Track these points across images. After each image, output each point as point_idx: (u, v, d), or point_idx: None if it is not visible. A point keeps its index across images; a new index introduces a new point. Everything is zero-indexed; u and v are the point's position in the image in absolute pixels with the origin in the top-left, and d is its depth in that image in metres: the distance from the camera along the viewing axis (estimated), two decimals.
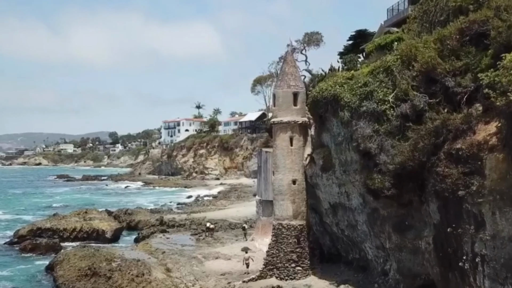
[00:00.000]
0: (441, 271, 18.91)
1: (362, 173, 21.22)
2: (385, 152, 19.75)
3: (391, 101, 19.98)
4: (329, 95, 23.08)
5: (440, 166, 17.87)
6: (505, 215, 15.83)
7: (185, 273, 27.73)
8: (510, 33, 16.77)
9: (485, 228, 16.62)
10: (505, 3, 17.73)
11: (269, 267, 25.40)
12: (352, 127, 21.60)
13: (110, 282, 26.39)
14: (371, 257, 23.29)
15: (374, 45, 28.55)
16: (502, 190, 15.78)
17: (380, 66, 21.64)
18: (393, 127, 19.68)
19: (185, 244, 36.47)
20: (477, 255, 17.09)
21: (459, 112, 17.94)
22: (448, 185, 17.53)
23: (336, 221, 25.49)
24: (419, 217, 19.52)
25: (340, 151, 23.28)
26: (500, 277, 16.40)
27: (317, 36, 44.12)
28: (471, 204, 16.92)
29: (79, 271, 27.63)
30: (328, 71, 28.11)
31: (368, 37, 46.51)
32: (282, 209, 25.69)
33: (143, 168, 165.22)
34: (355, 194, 22.70)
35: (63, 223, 44.23)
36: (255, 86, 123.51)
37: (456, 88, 18.27)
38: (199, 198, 76.66)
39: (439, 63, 18.84)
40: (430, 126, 18.37)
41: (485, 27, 17.93)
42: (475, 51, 18.39)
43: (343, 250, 26.44)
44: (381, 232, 21.56)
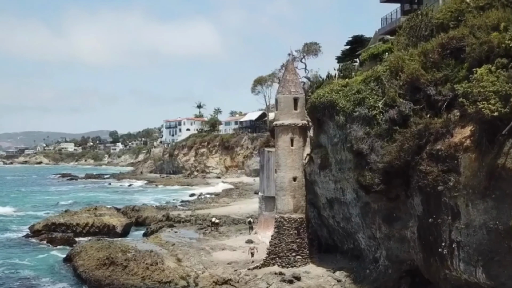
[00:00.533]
0: (424, 256, 21.50)
1: (355, 171, 23.81)
2: (375, 152, 22.33)
3: (381, 107, 22.55)
4: (326, 101, 25.69)
5: (423, 165, 20.47)
6: (476, 206, 18.43)
7: (194, 262, 30.35)
8: (482, 49, 19.35)
9: (460, 218, 19.23)
10: (479, 23, 20.29)
11: (271, 256, 28.05)
12: (347, 129, 24.22)
13: (126, 270, 28.96)
14: (363, 246, 25.90)
15: (368, 54, 31.11)
16: (474, 185, 18.37)
17: (371, 75, 24.24)
18: (382, 130, 22.26)
19: (192, 238, 39.16)
20: (454, 241, 19.70)
21: (439, 117, 20.51)
22: (429, 181, 20.13)
23: (332, 214, 28.14)
24: (405, 210, 22.10)
25: (336, 151, 25.90)
26: (472, 260, 19.02)
27: (315, 46, 46.93)
28: (448, 197, 19.52)
29: (97, 260, 30.21)
30: (326, 78, 30.70)
31: (364, 43, 49.11)
32: (284, 203, 28.34)
33: (144, 167, 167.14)
34: (349, 190, 25.32)
35: (75, 219, 46.75)
36: (255, 87, 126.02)
37: (437, 96, 20.84)
38: (202, 196, 78.94)
39: (423, 74, 21.41)
40: (414, 130, 20.95)
41: (462, 43, 20.50)
42: (454, 63, 20.96)
43: (339, 241, 29.06)
44: (372, 223, 24.16)
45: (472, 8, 21.44)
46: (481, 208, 18.25)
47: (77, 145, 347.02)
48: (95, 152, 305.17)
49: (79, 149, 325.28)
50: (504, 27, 19.05)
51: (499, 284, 18.37)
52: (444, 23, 22.64)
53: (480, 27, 20.06)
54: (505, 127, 17.22)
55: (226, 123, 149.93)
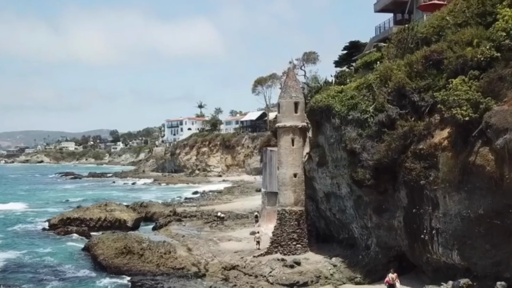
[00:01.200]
0: (408, 242, 24.50)
1: (349, 168, 26.81)
2: (366, 151, 25.33)
3: (371, 111, 25.54)
4: (323, 105, 28.69)
5: (408, 162, 23.49)
6: (452, 198, 21.45)
7: (204, 251, 33.35)
8: (458, 62, 22.35)
9: (439, 208, 22.25)
10: (456, 38, 23.27)
11: (274, 245, 31.07)
12: (341, 131, 27.23)
13: (142, 258, 31.91)
14: (357, 235, 28.91)
15: (362, 62, 34.10)
16: (450, 180, 21.38)
17: (363, 83, 27.23)
18: (373, 132, 25.24)
19: (200, 230, 42.17)
20: (433, 228, 22.73)
21: (422, 121, 23.50)
22: (413, 177, 23.15)
23: (329, 207, 31.17)
24: (392, 202, 25.10)
25: (332, 150, 28.91)
26: (449, 244, 22.06)
27: (313, 55, 50.25)
28: (429, 190, 22.54)
29: (116, 249, 33.13)
30: (323, 84, 33.70)
31: (360, 48, 52.20)
32: (285, 197, 31.36)
33: (146, 166, 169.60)
34: (344, 185, 28.34)
35: (88, 214, 49.64)
36: (256, 87, 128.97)
37: (420, 102, 23.82)
38: (205, 194, 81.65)
39: (408, 82, 24.40)
40: (400, 131, 23.94)
41: (442, 56, 23.47)
42: (435, 73, 23.91)
43: (335, 231, 32.07)
44: (364, 214, 27.18)
45: (451, 25, 24.39)
46: (456, 199, 21.28)
47: (78, 144, 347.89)
48: (96, 151, 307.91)
49: (80, 148, 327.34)
50: (476, 43, 22.05)
51: (471, 264, 21.41)
52: (428, 37, 25.63)
53: (457, 42, 23.06)
54: (475, 130, 20.25)
55: (227, 123, 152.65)
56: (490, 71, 21.06)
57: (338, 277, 26.72)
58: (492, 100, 20.18)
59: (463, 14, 24.26)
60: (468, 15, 23.90)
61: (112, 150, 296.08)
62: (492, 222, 19.99)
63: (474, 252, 21.12)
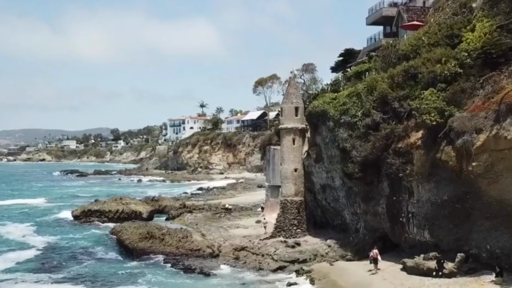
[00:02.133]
0: (390, 225, 29.48)
1: (341, 163, 31.80)
2: (356, 149, 30.30)
3: (360, 116, 30.49)
4: (320, 110, 33.67)
5: (389, 158, 28.44)
6: (423, 187, 26.42)
7: (216, 236, 38.35)
8: (430, 76, 27.28)
9: (413, 196, 27.22)
10: (429, 56, 28.20)
11: (278, 229, 36.10)
12: (335, 132, 32.21)
13: (163, 242, 36.85)
14: (348, 221, 33.93)
15: (354, 71, 39.08)
16: (422, 172, 26.34)
17: (353, 91, 32.18)
18: (361, 133, 30.19)
19: (210, 220, 47.15)
20: (409, 213, 27.72)
21: (401, 124, 28.42)
22: (393, 170, 28.11)
23: (325, 197, 36.19)
24: (377, 191, 30.06)
25: (327, 149, 33.89)
26: (421, 225, 27.07)
27: (311, 66, 55.77)
28: (406, 181, 27.50)
29: (139, 235, 38.08)
30: (320, 91, 38.71)
31: (355, 55, 57.12)
32: (287, 189, 36.38)
33: (150, 164, 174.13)
34: (337, 178, 33.33)
35: (106, 206, 54.54)
36: (256, 87, 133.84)
37: (400, 109, 28.77)
38: (209, 189, 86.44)
39: (390, 92, 29.34)
40: (383, 133, 28.89)
41: (417, 71, 28.41)
42: (412, 85, 28.84)
43: (330, 218, 37.09)
44: (354, 202, 32.18)
45: (425, 44, 29.35)
46: (427, 188, 26.28)
47: (79, 143, 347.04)
48: (97, 149, 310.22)
49: (81, 147, 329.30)
50: (444, 61, 27.00)
51: (439, 240, 26.42)
52: (407, 54, 30.58)
53: (429, 59, 28.02)
54: (441, 132, 25.20)
55: (228, 122, 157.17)
56: (454, 84, 25.99)
57: (332, 255, 31.72)
58: (454, 108, 25.13)
59: (436, 35, 29.25)
60: (439, 37, 28.89)
61: (113, 148, 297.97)
62: (454, 206, 25.00)
63: (441, 231, 26.13)
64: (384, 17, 44.68)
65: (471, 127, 23.40)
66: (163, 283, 29.02)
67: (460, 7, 29.54)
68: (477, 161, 22.97)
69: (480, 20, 27.11)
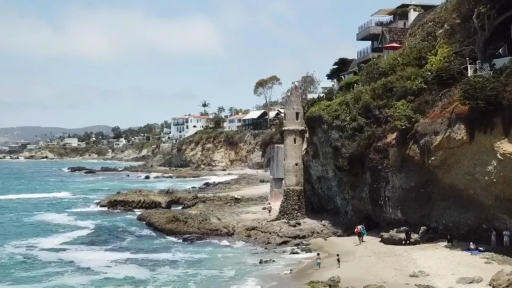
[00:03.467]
0: (372, 207, 37.12)
1: (333, 158, 39.44)
2: (345, 147, 37.93)
3: (348, 121, 38.10)
4: (316, 115, 41.28)
5: (371, 154, 36.05)
6: (396, 176, 34.06)
7: (230, 220, 46.00)
8: (402, 90, 34.86)
9: (389, 183, 34.87)
10: (402, 74, 35.79)
11: (282, 213, 43.74)
12: (328, 133, 39.83)
13: (186, 224, 44.41)
14: (339, 205, 41.63)
15: (345, 82, 46.73)
16: (395, 165, 33.99)
17: (343, 100, 39.80)
18: (349, 134, 37.79)
19: (222, 208, 54.81)
20: (386, 197, 35.37)
21: (380, 127, 36.01)
22: (374, 164, 35.74)
23: (320, 186, 43.86)
24: (362, 181, 37.69)
25: (322, 147, 41.52)
26: (395, 206, 34.75)
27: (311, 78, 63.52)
28: (383, 172, 35.14)
29: (166, 218, 45.74)
30: (317, 98, 46.43)
31: (348, 63, 64.61)
32: (290, 180, 44.03)
33: (154, 161, 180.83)
34: (330, 170, 40.97)
35: (129, 197, 62.15)
36: (257, 88, 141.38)
37: (379, 115, 36.35)
38: (216, 184, 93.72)
39: (371, 102, 36.94)
40: (366, 134, 36.50)
41: (393, 85, 36.00)
42: (389, 96, 36.40)
43: (324, 203, 44.78)
44: (344, 190, 39.85)
45: (400, 64, 36.95)
46: (399, 177, 33.92)
47: (80, 140, 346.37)
48: (99, 147, 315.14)
49: (83, 144, 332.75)
50: (413, 78, 34.60)
51: (408, 217, 34.07)
52: (385, 71, 38.19)
53: (402, 76, 35.64)
54: (409, 134, 32.81)
55: (230, 121, 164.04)
56: (420, 97, 33.62)
57: (326, 232, 39.39)
58: (419, 116, 32.75)
59: (408, 57, 36.91)
60: (410, 58, 36.55)
61: (114, 146, 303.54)
62: (419, 190, 32.69)
63: (409, 210, 33.83)
64: (371, 34, 52.24)
65: (431, 131, 31.06)
66: (192, 251, 36.71)
67: (427, 35, 37.19)
68: (435, 156, 30.62)
69: (441, 46, 34.82)
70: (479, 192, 28.81)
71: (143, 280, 29.46)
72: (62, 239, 41.81)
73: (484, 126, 27.87)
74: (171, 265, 32.80)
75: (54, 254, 36.34)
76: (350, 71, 55.63)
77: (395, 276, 25.95)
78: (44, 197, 78.14)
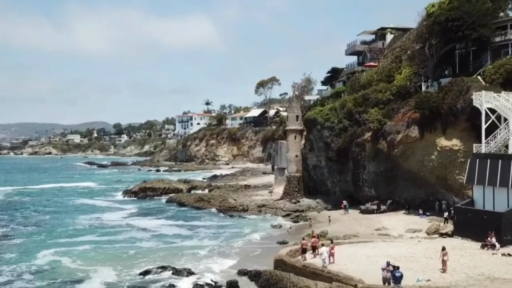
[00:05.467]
0: (353, 188, 49.32)
1: (325, 151, 51.62)
2: (334, 143, 50.09)
3: (336, 122, 50.22)
4: (312, 118, 53.42)
5: (353, 148, 48.22)
6: (371, 164, 46.30)
7: (243, 200, 58.15)
8: (376, 100, 46.94)
9: (366, 169, 47.11)
10: (376, 88, 47.85)
11: (285, 194, 55.98)
12: (321, 132, 52.02)
13: (210, 203, 56.67)
14: (330, 187, 53.84)
15: (335, 90, 58.86)
16: (370, 156, 46.21)
17: (333, 106, 51.90)
18: (336, 133, 49.92)
19: (235, 192, 66.95)
20: (364, 179, 47.60)
21: (359, 128, 48.09)
22: (355, 155, 47.94)
23: (315, 173, 56.09)
24: (346, 168, 49.86)
25: (316, 142, 53.70)
26: (370, 186, 47.01)
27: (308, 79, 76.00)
28: (362, 161, 47.36)
29: (194, 199, 57.99)
30: (312, 104, 58.63)
31: (339, 72, 76.63)
32: (291, 168, 56.24)
33: (160, 156, 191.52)
34: (323, 160, 53.17)
35: (155, 185, 74.08)
36: (258, 89, 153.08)
37: (359, 119, 48.45)
38: (223, 176, 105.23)
39: (354, 108, 49.01)
40: (349, 133, 48.62)
41: (370, 96, 48.08)
42: (366, 104, 48.46)
43: (318, 186, 56.99)
44: (333, 175, 52.08)
45: (375, 80, 49.03)
46: (372, 164, 46.12)
47: (83, 136, 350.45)
48: (101, 143, 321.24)
49: (85, 140, 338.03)
50: (384, 91, 46.69)
51: (379, 194, 46.26)
52: (364, 84, 50.27)
53: (376, 89, 47.74)
54: (379, 133, 44.94)
55: (233, 119, 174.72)
56: (388, 105, 45.72)
57: (319, 208, 51.54)
58: (387, 119, 44.86)
59: (381, 74, 48.99)
60: (383, 75, 48.63)
61: (117, 142, 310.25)
62: (387, 174, 44.88)
63: (380, 189, 46.04)
64: (357, 51, 64.30)
65: (395, 130, 43.17)
66: (218, 219, 49.16)
67: (395, 58, 49.32)
68: (397, 149, 42.72)
69: (405, 67, 46.92)
70: (427, 174, 40.96)
71: (188, 235, 41.89)
72: (117, 215, 53.78)
73: (430, 127, 40.09)
74: (205, 227, 45.30)
75: (118, 222, 48.80)
76: (340, 80, 67.76)
77: (365, 230, 38.09)
78: (75, 186, 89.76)
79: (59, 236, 42.56)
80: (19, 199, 70.67)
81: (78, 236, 42.46)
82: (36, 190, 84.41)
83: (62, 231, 44.83)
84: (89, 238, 41.40)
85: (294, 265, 25.74)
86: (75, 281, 28.43)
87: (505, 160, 31.10)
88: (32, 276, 30.05)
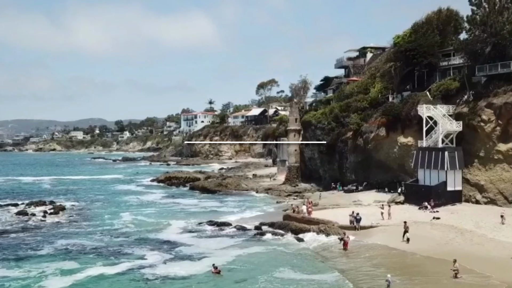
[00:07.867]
0: (339, 174, 64.71)
1: (318, 146, 67.03)
2: (325, 139, 65.49)
3: (326, 124, 65.60)
4: (307, 120, 68.86)
5: (338, 143, 63.69)
6: (352, 155, 61.78)
7: (253, 185, 73.54)
8: (357, 107, 62.25)
9: (348, 160, 62.55)
10: (356, 98, 63.13)
11: (286, 180, 71.41)
12: (315, 131, 67.45)
13: (227, 187, 72.14)
14: (321, 174, 69.26)
15: (326, 99, 74.36)
16: (351, 149, 61.69)
17: (324, 111, 67.28)
18: (326, 132, 65.31)
19: (245, 180, 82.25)
20: (347, 167, 63.06)
21: (343, 128, 63.38)
22: (340, 149, 63.41)
23: (310, 163, 71.55)
24: (334, 159, 65.27)
25: (311, 139, 69.15)
26: (352, 172, 62.57)
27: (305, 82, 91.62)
28: (345, 153, 62.84)
29: (214, 183, 73.36)
30: (308, 107, 74.06)
31: (331, 80, 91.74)
32: (291, 160, 71.81)
33: (167, 152, 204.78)
34: (316, 153, 68.61)
35: (177, 175, 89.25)
36: (259, 90, 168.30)
37: (344, 122, 63.78)
38: (230, 168, 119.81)
39: (340, 113, 64.39)
40: (336, 132, 64.01)
41: (352, 104, 63.40)
42: (349, 110, 63.72)
43: (313, 174, 72.40)
44: (324, 165, 67.56)
45: (355, 92, 64.37)
46: (353, 156, 61.60)
47: (85, 133, 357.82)
48: (103, 140, 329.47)
49: (88, 137, 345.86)
50: (362, 101, 62.02)
51: (357, 178, 61.65)
52: (348, 95, 65.62)
53: (356, 99, 63.10)
54: (358, 132, 60.28)
55: (235, 117, 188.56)
56: (365, 111, 61.07)
57: (313, 190, 66.84)
58: (364, 122, 60.19)
59: (360, 87, 64.37)
60: (361, 88, 64.01)
61: (119, 139, 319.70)
62: (363, 163, 60.35)
63: (358, 174, 61.49)
64: (344, 65, 79.70)
65: (369, 131, 58.52)
66: (238, 197, 64.63)
67: (371, 75, 64.67)
68: (371, 144, 58.05)
69: (377, 83, 62.27)
70: (391, 163, 56.28)
71: (219, 206, 57.63)
72: (156, 196, 68.89)
73: (393, 129, 55.41)
74: (229, 202, 60.90)
75: (159, 201, 64.15)
76: (330, 88, 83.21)
77: (345, 202, 53.40)
78: (106, 177, 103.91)
79: (126, 207, 58.04)
80: (67, 187, 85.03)
81: (140, 207, 57.60)
82: (74, 180, 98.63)
83: (125, 205, 60.26)
84: (149, 208, 56.70)
85: (296, 217, 41.15)
86: (160, 228, 43.91)
87: (436, 151, 46.55)
88: (129, 225, 45.50)
